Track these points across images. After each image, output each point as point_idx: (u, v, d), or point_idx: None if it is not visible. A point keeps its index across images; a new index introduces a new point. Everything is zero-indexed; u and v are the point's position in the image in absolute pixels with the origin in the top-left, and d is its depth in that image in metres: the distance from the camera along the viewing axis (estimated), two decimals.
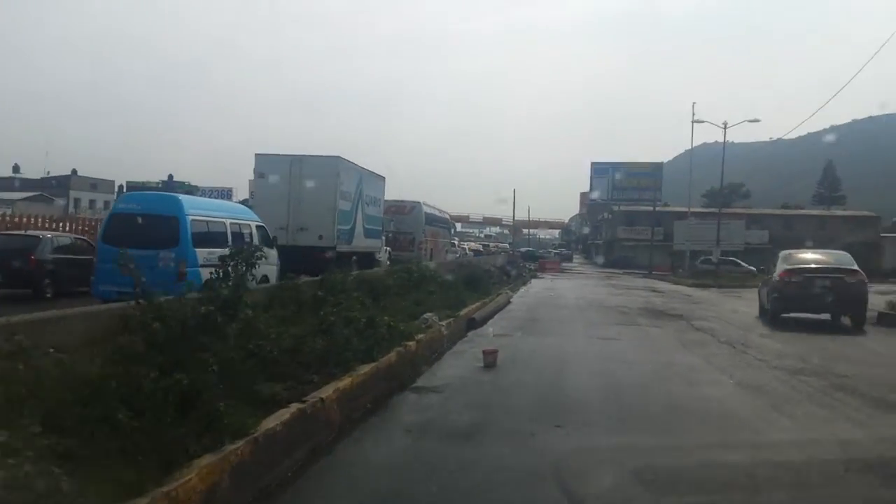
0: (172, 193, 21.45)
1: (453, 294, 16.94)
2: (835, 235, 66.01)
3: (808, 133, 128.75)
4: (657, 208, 66.32)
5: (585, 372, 9.46)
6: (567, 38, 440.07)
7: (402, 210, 33.84)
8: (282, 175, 20.83)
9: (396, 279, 16.48)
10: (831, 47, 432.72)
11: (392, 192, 33.43)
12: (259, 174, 21.61)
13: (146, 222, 12.66)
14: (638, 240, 67.24)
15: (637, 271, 54.08)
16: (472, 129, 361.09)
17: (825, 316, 16.38)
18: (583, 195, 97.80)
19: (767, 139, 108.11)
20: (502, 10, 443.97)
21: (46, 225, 22.40)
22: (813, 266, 16.56)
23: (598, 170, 77.74)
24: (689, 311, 19.94)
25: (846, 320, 16.32)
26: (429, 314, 12.07)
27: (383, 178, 27.47)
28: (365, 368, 7.53)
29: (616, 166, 77.02)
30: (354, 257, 22.38)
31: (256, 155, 21.72)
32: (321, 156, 21.77)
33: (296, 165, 21.00)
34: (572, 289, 31.62)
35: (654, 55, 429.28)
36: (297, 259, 17.58)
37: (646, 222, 66.29)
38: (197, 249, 12.68)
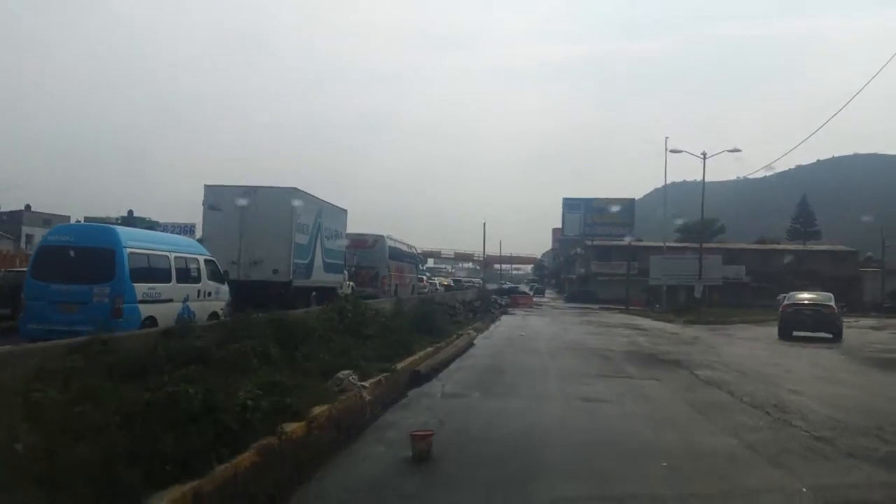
0: (108, 225, 19.27)
1: (397, 338, 13.51)
2: (813, 270, 64.00)
3: (776, 172, 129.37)
4: (632, 243, 63.95)
5: (567, 474, 5.96)
6: (540, 79, 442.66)
7: (365, 244, 31.59)
8: (233, 206, 19.41)
9: (324, 321, 13.07)
10: (798, 90, 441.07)
11: (362, 228, 32.02)
12: (209, 206, 19.93)
13: (79, 255, 11.60)
14: (612, 274, 64.46)
15: (613, 306, 51.06)
16: (444, 165, 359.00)
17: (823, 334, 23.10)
18: (555, 230, 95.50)
19: (735, 178, 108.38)
20: (474, 50, 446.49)
21: None
22: (803, 302, 24.72)
23: (570, 205, 75.64)
24: (686, 356, 16.67)
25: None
26: (345, 372, 8.58)
27: (345, 211, 25.95)
28: (163, 498, 4.06)
29: (588, 202, 75.01)
30: (314, 293, 21.13)
31: (206, 186, 20.15)
32: (276, 187, 20.49)
33: (249, 197, 19.54)
34: (545, 327, 28.31)
35: (625, 96, 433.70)
36: (250, 294, 15.93)
37: (620, 257, 63.83)
38: (135, 284, 11.73)
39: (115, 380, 7.34)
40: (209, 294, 14.35)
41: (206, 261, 14.53)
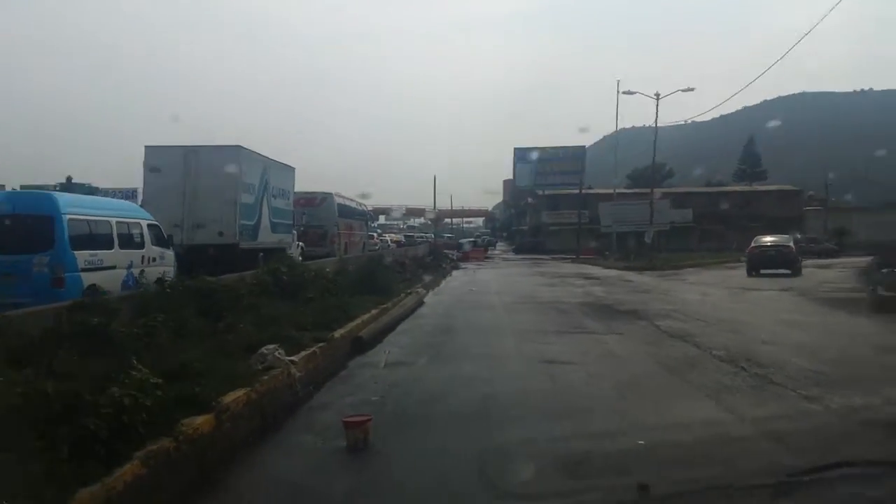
0: (46, 191, 18.83)
1: (338, 301, 12.41)
2: (759, 211, 64.67)
3: (721, 115, 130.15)
4: (583, 191, 63.44)
5: (529, 462, 4.89)
6: (487, 31, 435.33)
7: (313, 202, 30.34)
8: (175, 168, 18.78)
9: (255, 286, 11.88)
10: (743, 35, 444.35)
11: (314, 187, 31.09)
12: (150, 167, 19.02)
13: (16, 224, 11.26)
14: (563, 224, 64.07)
15: (564, 256, 50.69)
16: (394, 120, 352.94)
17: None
18: (506, 182, 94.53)
19: (682, 122, 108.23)
20: (420, 5, 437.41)
21: None
22: (767, 244, 28.29)
23: (522, 155, 74.39)
24: (644, 305, 15.99)
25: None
26: (271, 346, 7.44)
27: (293, 169, 24.90)
28: None
29: (539, 150, 73.81)
30: (261, 254, 20.15)
31: (146, 147, 19.39)
32: (219, 145, 19.88)
33: (191, 157, 18.90)
34: (498, 280, 27.56)
35: (572, 43, 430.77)
36: (195, 258, 15.61)
37: (570, 206, 63.34)
38: (76, 252, 11.34)
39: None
40: (154, 260, 13.93)
41: (149, 225, 14.13)
